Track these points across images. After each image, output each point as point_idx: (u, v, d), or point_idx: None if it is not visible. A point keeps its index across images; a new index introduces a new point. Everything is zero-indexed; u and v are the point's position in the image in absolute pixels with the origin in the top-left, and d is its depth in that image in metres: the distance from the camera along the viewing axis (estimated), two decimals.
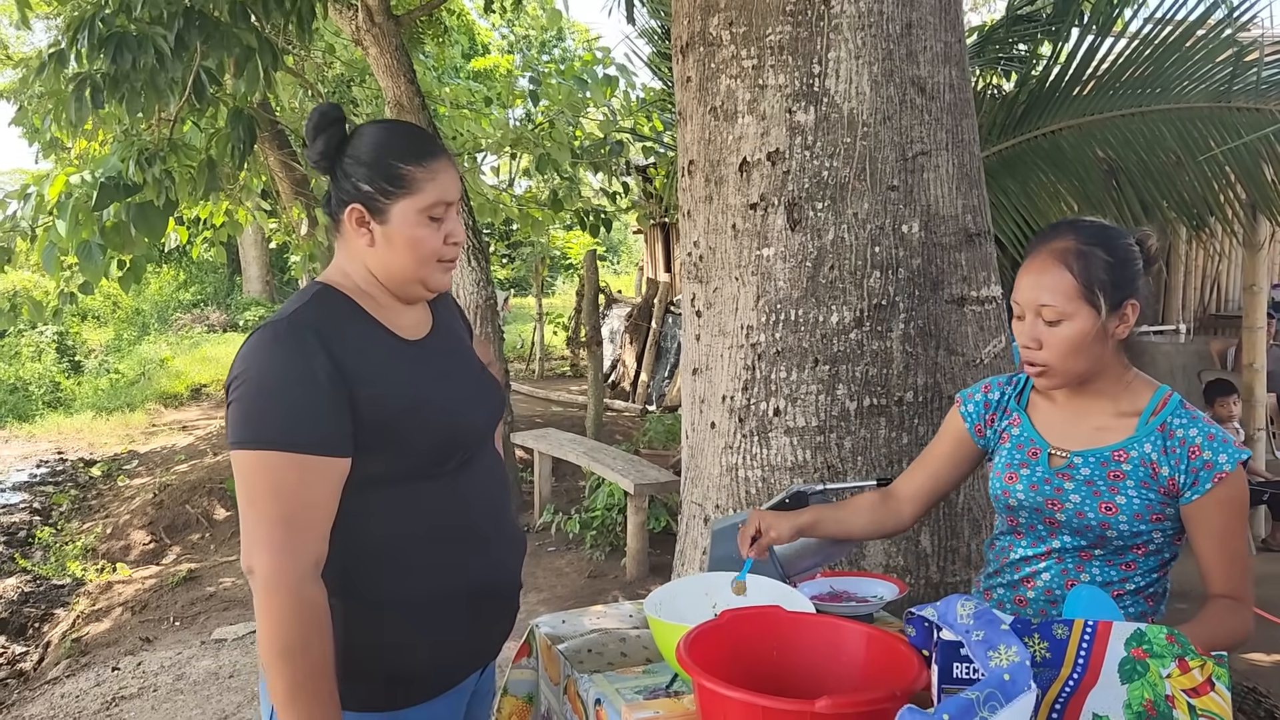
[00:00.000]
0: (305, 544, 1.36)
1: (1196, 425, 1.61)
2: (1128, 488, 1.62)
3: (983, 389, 1.86)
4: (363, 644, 1.45)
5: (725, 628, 1.44)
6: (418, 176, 1.49)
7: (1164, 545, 1.66)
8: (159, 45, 3.37)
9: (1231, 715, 1.19)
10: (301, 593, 1.34)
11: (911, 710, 1.08)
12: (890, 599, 1.88)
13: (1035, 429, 1.75)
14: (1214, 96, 4.91)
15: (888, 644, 1.39)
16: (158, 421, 12.24)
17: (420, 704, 1.52)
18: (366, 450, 1.43)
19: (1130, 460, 1.63)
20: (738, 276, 2.78)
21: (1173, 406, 1.65)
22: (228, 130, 4.30)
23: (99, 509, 8.21)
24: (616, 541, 5.61)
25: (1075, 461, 1.67)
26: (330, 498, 1.40)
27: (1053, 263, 1.62)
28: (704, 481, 2.92)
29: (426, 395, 1.51)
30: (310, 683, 1.34)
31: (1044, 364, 1.64)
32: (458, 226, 1.55)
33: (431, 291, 1.57)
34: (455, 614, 1.53)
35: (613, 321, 13.29)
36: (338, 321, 1.47)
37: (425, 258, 1.51)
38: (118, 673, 4.34)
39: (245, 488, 1.37)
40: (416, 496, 1.49)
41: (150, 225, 4.52)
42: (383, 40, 5.77)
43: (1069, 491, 1.65)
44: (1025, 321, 1.65)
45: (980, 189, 2.88)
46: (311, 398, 1.38)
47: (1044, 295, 1.61)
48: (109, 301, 19.33)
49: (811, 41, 2.66)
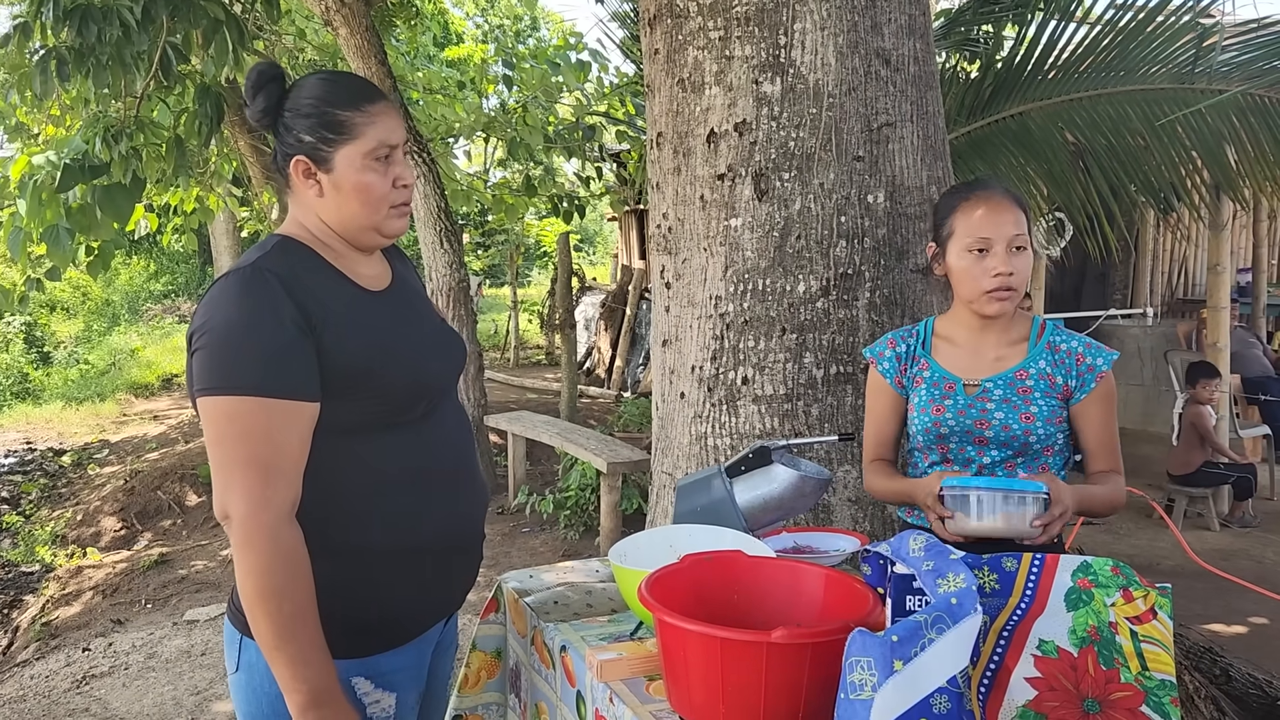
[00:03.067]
0: (278, 488, 1.37)
1: (1075, 339, 1.94)
2: (1036, 398, 1.90)
3: (888, 344, 2.10)
4: (328, 591, 1.46)
5: (686, 570, 1.47)
6: (357, 121, 1.50)
7: (1064, 445, 1.94)
8: (125, 17, 3.34)
9: (1172, 642, 1.23)
10: (279, 536, 1.36)
11: (862, 633, 1.11)
12: (852, 551, 1.92)
13: (944, 368, 1.99)
14: (1178, 79, 4.98)
15: (844, 584, 1.43)
16: (128, 411, 12.13)
17: (385, 652, 1.54)
18: (333, 397, 1.44)
19: (1031, 376, 1.91)
20: (706, 247, 2.80)
21: (1051, 328, 1.96)
22: (195, 108, 4.26)
23: (69, 497, 8.13)
24: (590, 521, 5.64)
25: (988, 387, 1.93)
26: (300, 442, 1.41)
27: (1009, 202, 1.89)
28: (674, 451, 2.95)
29: (390, 343, 1.52)
30: (295, 624, 1.36)
31: (1013, 288, 1.87)
32: (404, 169, 1.55)
33: (387, 237, 1.57)
34: (419, 563, 1.54)
35: (587, 309, 13.29)
36: (301, 270, 1.48)
37: (375, 203, 1.52)
38: (88, 653, 4.32)
39: (215, 434, 1.38)
40: (382, 444, 1.50)
41: (116, 207, 4.46)
42: (353, 21, 5.74)
43: (991, 411, 1.91)
44: (995, 254, 1.87)
45: (945, 161, 2.92)
46: (278, 342, 1.39)
47: (1014, 228, 1.87)
48: (78, 293, 19.10)
49: (777, 13, 2.68)
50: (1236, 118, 4.89)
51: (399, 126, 1.55)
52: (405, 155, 1.57)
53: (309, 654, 1.37)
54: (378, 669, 1.53)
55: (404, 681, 1.58)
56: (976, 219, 1.89)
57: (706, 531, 1.74)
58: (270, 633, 1.36)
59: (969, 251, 1.89)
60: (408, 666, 1.58)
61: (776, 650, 1.20)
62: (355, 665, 1.51)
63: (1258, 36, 4.90)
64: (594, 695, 1.52)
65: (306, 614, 1.38)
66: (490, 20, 21.91)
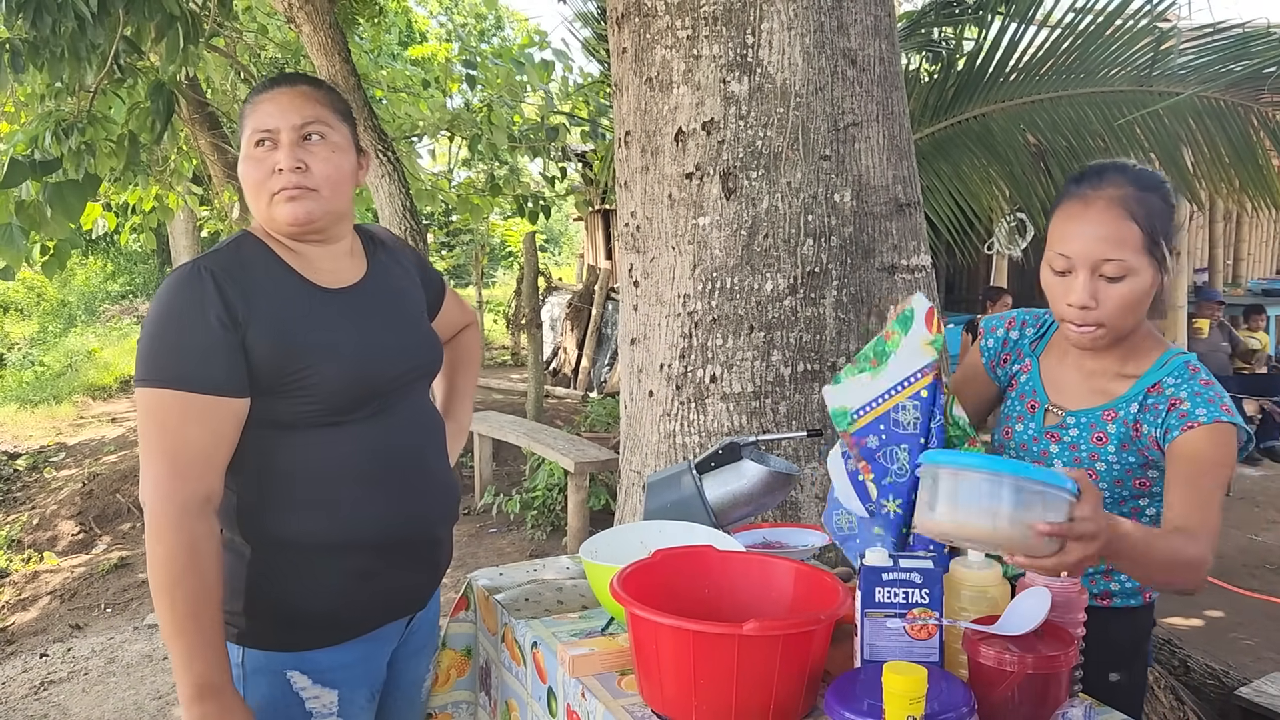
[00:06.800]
0: (188, 480, 1.38)
1: (1188, 385, 1.49)
2: (1108, 452, 1.54)
3: (1005, 325, 1.76)
4: (262, 583, 1.47)
5: (658, 565, 1.47)
6: (246, 111, 1.52)
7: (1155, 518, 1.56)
8: (79, 9, 3.28)
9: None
10: (183, 527, 1.37)
11: None
12: (821, 546, 1.93)
13: (1041, 380, 1.66)
14: (1136, 81, 5.08)
15: (815, 578, 1.44)
16: (86, 414, 11.91)
17: (325, 647, 1.54)
18: (264, 393, 1.46)
19: (1115, 421, 1.54)
20: (674, 246, 2.81)
21: (1173, 368, 1.53)
22: (147, 103, 4.19)
23: (24, 501, 7.97)
24: (557, 521, 5.63)
25: (1067, 421, 1.59)
26: (216, 436, 1.42)
27: (1115, 212, 1.45)
28: (642, 449, 2.95)
29: (331, 341, 1.50)
30: (193, 617, 1.37)
31: (1098, 323, 1.48)
32: (285, 155, 1.49)
33: (290, 224, 1.51)
34: (357, 559, 1.54)
35: (553, 309, 13.27)
36: (245, 266, 1.48)
37: (254, 191, 1.52)
38: (46, 659, 4.24)
39: (139, 424, 1.41)
40: (323, 441, 1.50)
41: (67, 204, 4.35)
42: (316, 18, 5.68)
43: (1053, 455, 1.58)
44: (1076, 277, 1.48)
45: (910, 160, 2.95)
46: (198, 338, 1.40)
47: (1108, 249, 1.45)
48: (33, 293, 18.73)
49: (745, 12, 2.70)
50: (1193, 120, 4.99)
51: (286, 111, 1.49)
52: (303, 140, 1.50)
53: (202, 649, 1.38)
54: (315, 664, 1.53)
55: (347, 679, 1.57)
56: (1063, 228, 1.50)
57: (678, 527, 1.75)
58: (167, 622, 1.38)
59: (1050, 268, 1.52)
60: (351, 664, 1.57)
61: (748, 642, 1.21)
62: (290, 658, 1.52)
63: (1213, 41, 5.00)
64: (566, 691, 1.52)
65: (203, 607, 1.38)
66: (455, 19, 21.81)
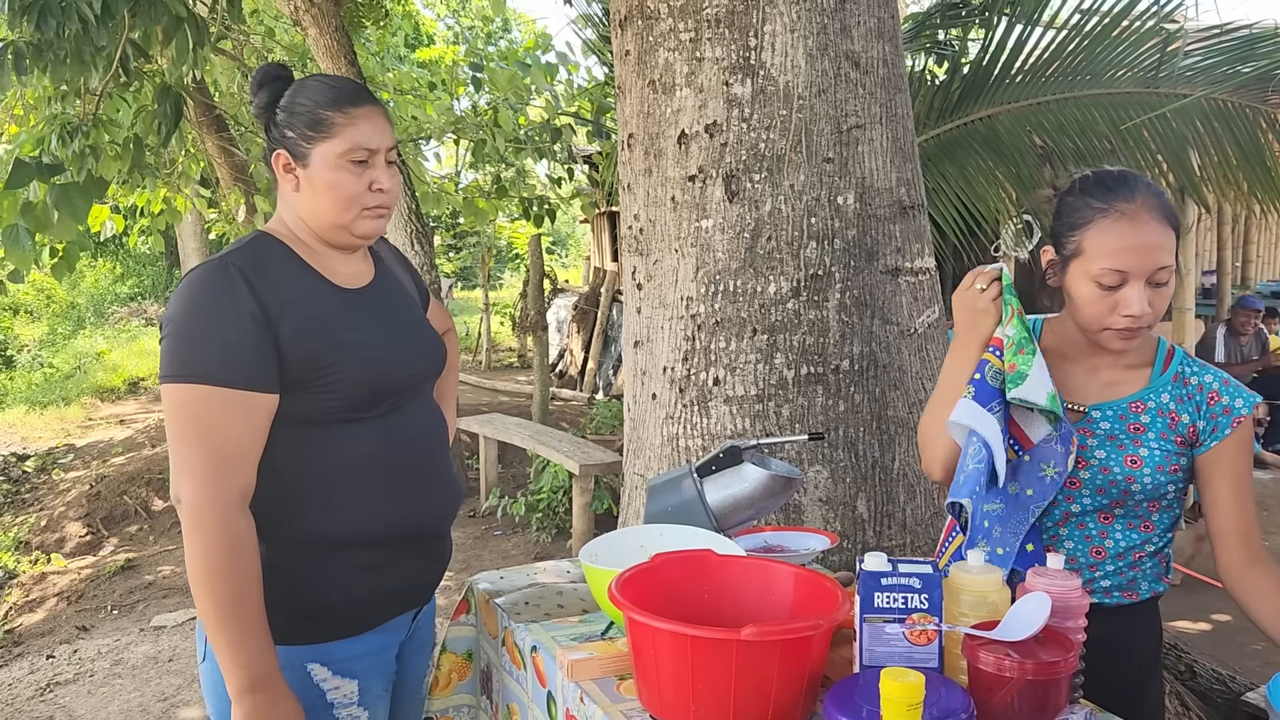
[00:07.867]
0: (227, 475, 1.40)
1: (1209, 371, 1.59)
2: (1149, 440, 1.56)
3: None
4: (284, 578, 1.49)
5: (657, 570, 1.47)
6: (337, 121, 1.54)
7: (1174, 501, 1.62)
8: (84, 12, 3.29)
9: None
10: (226, 521, 1.39)
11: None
12: (822, 550, 1.93)
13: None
14: (1143, 83, 5.06)
15: (815, 582, 1.43)
16: (94, 415, 11.96)
17: (342, 639, 1.56)
18: (291, 389, 1.48)
19: (1148, 411, 1.57)
20: (677, 249, 2.81)
21: (1181, 355, 1.61)
22: (154, 107, 4.20)
23: (33, 502, 8.00)
24: (562, 524, 5.63)
25: (1094, 416, 1.59)
26: (253, 432, 1.44)
27: (1158, 221, 1.49)
28: (646, 452, 2.95)
29: (353, 340, 1.54)
30: (236, 608, 1.38)
31: (1145, 326, 1.51)
32: (384, 175, 1.58)
33: (361, 238, 1.60)
34: (373, 553, 1.57)
35: (559, 311, 13.28)
36: (268, 265, 1.51)
37: (345, 202, 1.55)
38: (53, 660, 4.25)
39: (170, 420, 1.42)
40: (342, 436, 1.53)
41: (73, 206, 4.36)
42: (322, 21, 5.70)
43: (1092, 448, 1.57)
44: (1130, 289, 1.49)
45: (914, 163, 2.94)
46: (233, 333, 1.42)
47: (1161, 257, 1.48)
48: (42, 295, 18.82)
49: (748, 15, 2.69)
50: (1200, 122, 4.97)
51: (380, 132, 1.58)
52: (390, 164, 1.60)
53: (248, 639, 1.39)
54: (334, 656, 1.56)
55: (364, 669, 1.60)
56: (1114, 245, 1.49)
57: (678, 531, 1.74)
58: (212, 615, 1.39)
59: (1097, 284, 1.51)
60: (367, 654, 1.60)
61: (746, 648, 1.21)
62: (311, 651, 1.54)
63: (1221, 42, 4.98)
64: (565, 695, 1.52)
65: (248, 599, 1.40)
66: (462, 22, 21.85)
